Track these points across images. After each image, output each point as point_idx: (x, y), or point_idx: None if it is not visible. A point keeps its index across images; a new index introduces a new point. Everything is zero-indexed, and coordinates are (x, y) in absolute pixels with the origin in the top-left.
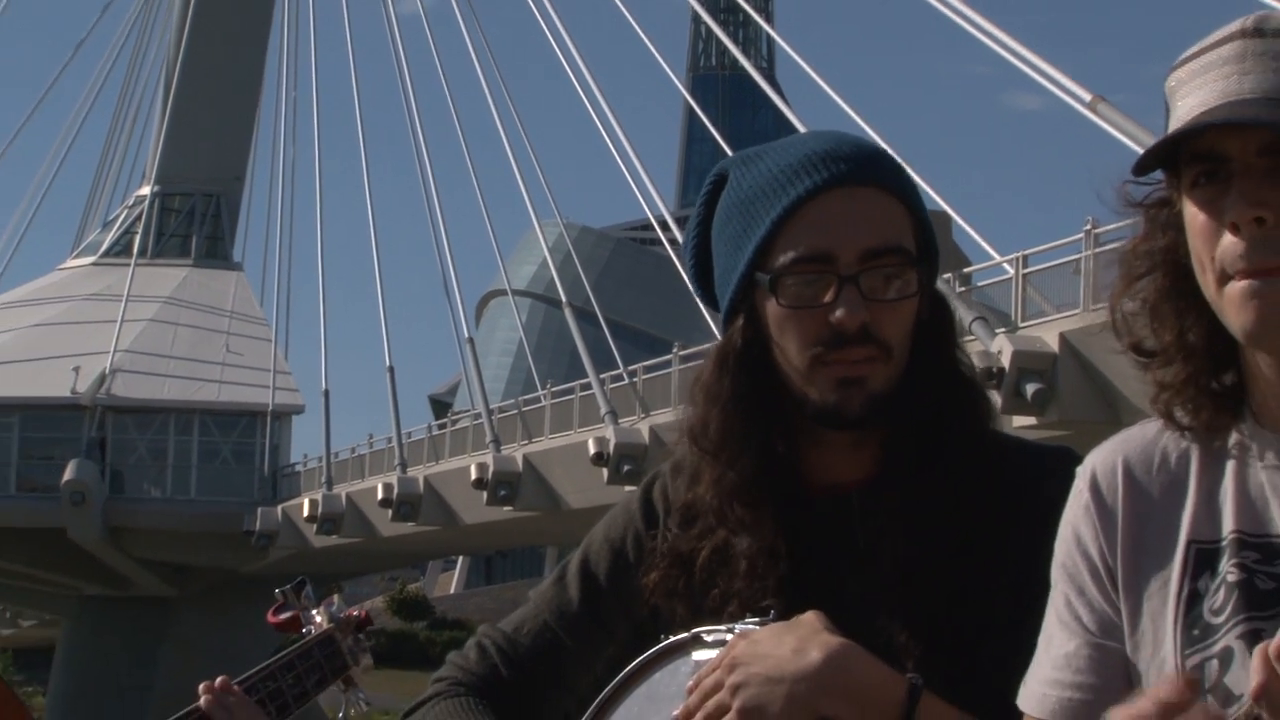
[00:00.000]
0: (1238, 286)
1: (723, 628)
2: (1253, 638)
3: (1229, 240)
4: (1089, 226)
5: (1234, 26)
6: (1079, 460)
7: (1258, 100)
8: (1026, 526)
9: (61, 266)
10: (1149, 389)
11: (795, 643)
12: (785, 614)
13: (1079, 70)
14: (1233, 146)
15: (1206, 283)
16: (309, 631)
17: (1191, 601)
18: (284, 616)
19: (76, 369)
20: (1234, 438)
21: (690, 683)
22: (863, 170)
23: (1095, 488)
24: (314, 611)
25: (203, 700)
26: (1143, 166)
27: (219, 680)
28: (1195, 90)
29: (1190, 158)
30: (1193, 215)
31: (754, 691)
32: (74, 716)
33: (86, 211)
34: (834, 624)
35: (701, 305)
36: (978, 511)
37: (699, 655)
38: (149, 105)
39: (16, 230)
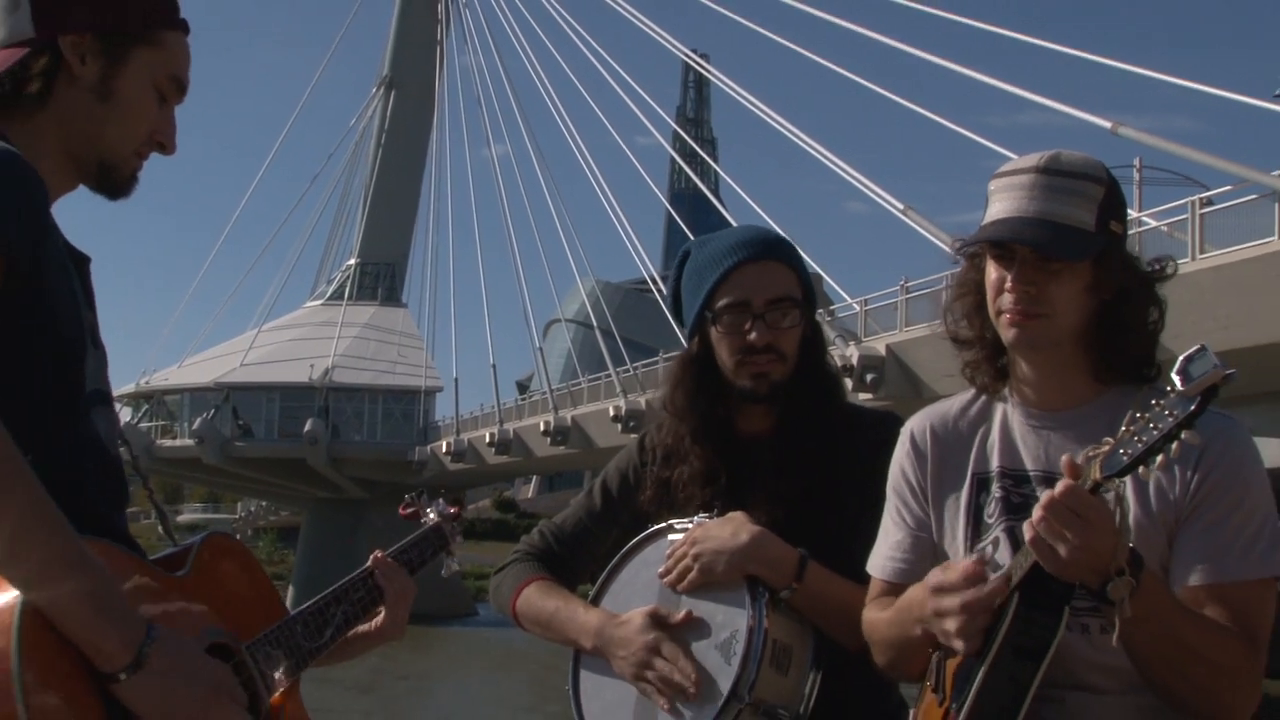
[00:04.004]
0: (1007, 319)
1: (686, 520)
2: (1010, 531)
3: (1008, 294)
4: (903, 282)
5: (1033, 161)
6: (894, 417)
7: (1037, 220)
8: (862, 456)
9: (304, 306)
10: (960, 364)
11: (732, 529)
12: (723, 512)
13: (894, 187)
14: (1017, 244)
15: (992, 309)
16: (425, 521)
17: (976, 511)
18: (410, 510)
19: (312, 365)
20: (1000, 404)
21: (667, 551)
22: (768, 251)
23: (913, 440)
24: (429, 509)
25: (373, 564)
26: (967, 247)
27: (378, 553)
28: (1003, 199)
29: (994, 243)
30: (989, 273)
31: (707, 559)
32: (311, 569)
33: (318, 273)
34: (752, 518)
35: (675, 327)
36: (835, 448)
37: (673, 536)
38: (355, 211)
39: (279, 284)
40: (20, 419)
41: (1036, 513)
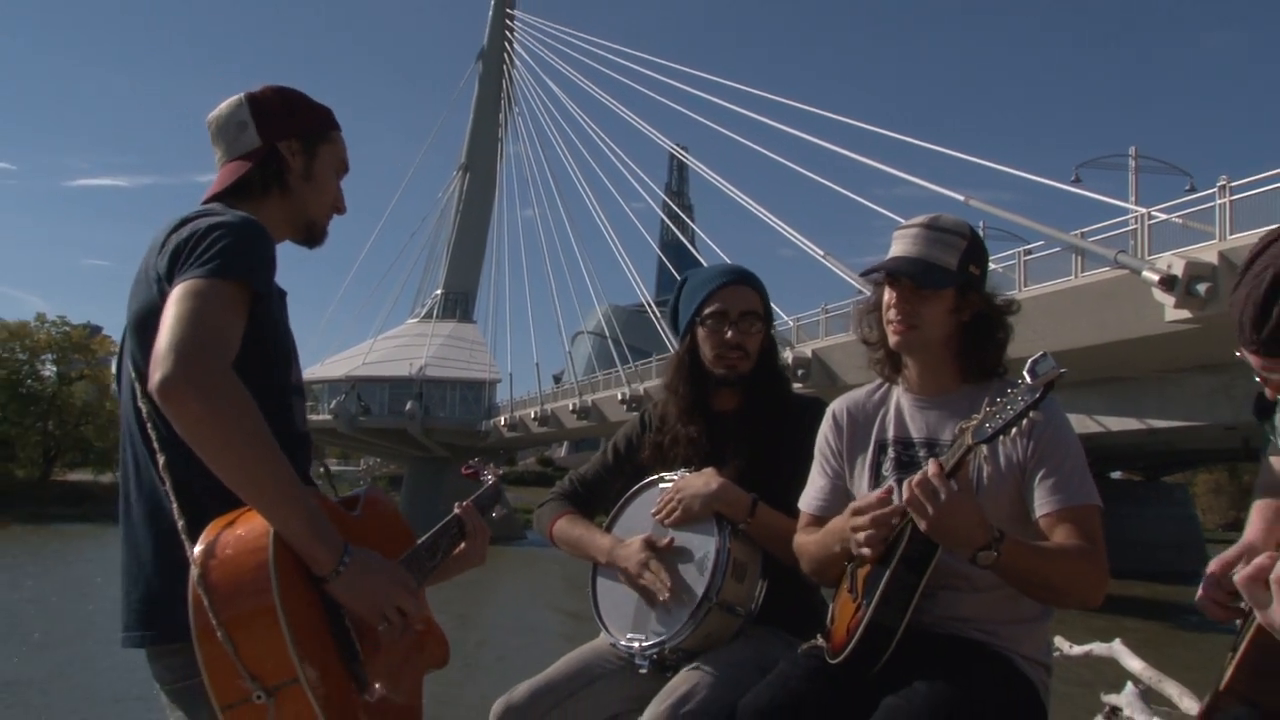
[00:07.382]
0: (892, 329)
1: (673, 473)
2: (900, 483)
3: (892, 310)
4: (824, 306)
5: (922, 219)
6: (821, 401)
7: (915, 259)
8: (799, 429)
9: (406, 322)
10: (868, 361)
11: (704, 480)
12: (699, 468)
13: (815, 238)
14: (900, 275)
15: (884, 321)
16: (484, 479)
17: (877, 467)
18: (470, 471)
19: (411, 364)
20: (895, 390)
21: (659, 493)
22: (742, 278)
23: (833, 417)
24: (486, 471)
25: (460, 510)
26: (866, 274)
27: (466, 504)
28: (897, 244)
29: (888, 273)
30: (882, 296)
31: (687, 500)
32: (411, 506)
33: (416, 299)
34: (720, 472)
35: (668, 334)
36: (781, 423)
37: (663, 485)
38: (441, 255)
39: (389, 307)
40: (261, 406)
41: (905, 490)
